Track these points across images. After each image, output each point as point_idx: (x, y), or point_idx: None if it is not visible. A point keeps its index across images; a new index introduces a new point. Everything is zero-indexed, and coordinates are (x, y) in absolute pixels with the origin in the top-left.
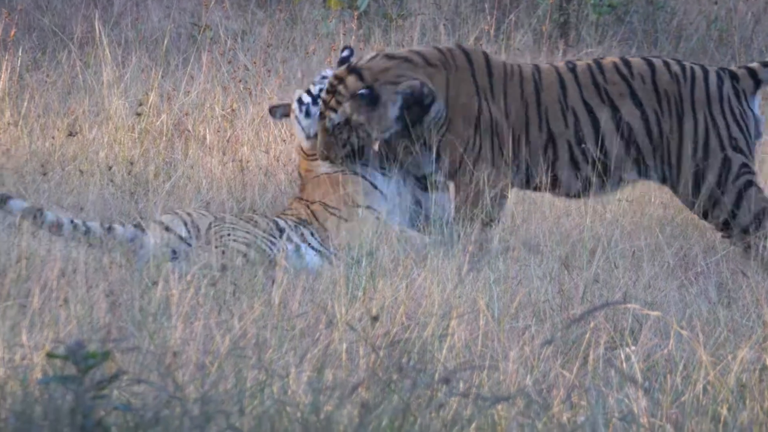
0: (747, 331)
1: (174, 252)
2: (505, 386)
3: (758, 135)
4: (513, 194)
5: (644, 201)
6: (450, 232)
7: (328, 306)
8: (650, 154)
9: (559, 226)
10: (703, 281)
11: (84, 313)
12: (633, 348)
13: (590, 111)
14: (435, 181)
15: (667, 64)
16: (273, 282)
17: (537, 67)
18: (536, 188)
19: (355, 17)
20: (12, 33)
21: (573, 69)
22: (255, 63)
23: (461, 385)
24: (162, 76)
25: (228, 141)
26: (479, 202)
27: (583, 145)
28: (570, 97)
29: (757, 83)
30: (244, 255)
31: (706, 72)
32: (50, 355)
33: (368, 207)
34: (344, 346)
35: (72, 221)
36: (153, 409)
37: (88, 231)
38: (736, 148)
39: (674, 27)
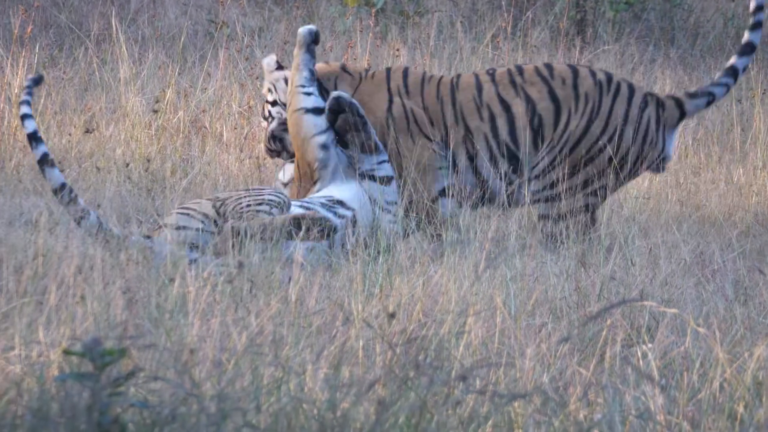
0: (764, 328)
1: (194, 246)
2: (522, 383)
3: (658, 170)
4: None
5: (661, 198)
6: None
7: (345, 303)
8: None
9: (576, 224)
10: (720, 279)
11: (101, 310)
12: (650, 345)
13: (506, 107)
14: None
15: (593, 73)
16: (290, 279)
17: (458, 75)
18: (474, 205)
19: (372, 14)
20: (29, 30)
21: (492, 73)
22: None
23: (478, 382)
24: (179, 73)
25: (245, 138)
26: (427, 179)
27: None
28: (485, 94)
29: (682, 115)
30: (268, 213)
31: (632, 91)
32: (67, 352)
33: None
34: (361, 343)
35: (99, 218)
36: (170, 406)
37: (110, 233)
38: (616, 169)
39: (691, 24)
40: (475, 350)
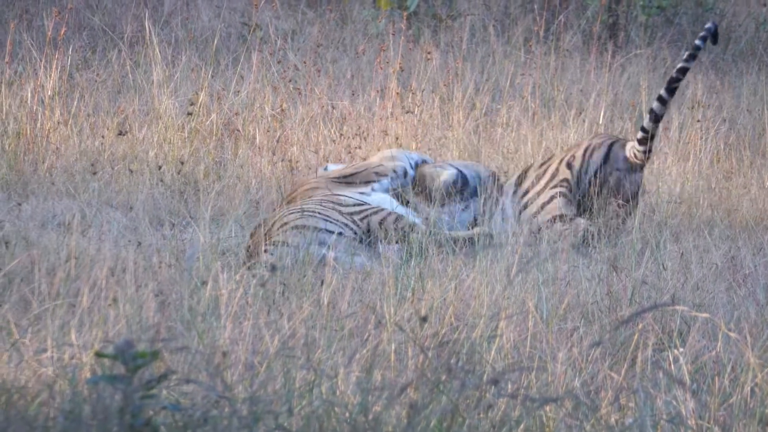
0: None
1: (322, 245)
2: (554, 387)
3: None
4: None
5: (692, 203)
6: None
7: (377, 306)
8: None
9: (608, 228)
10: (752, 283)
11: (133, 313)
12: (681, 350)
13: None
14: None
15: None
16: (322, 282)
17: None
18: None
19: (405, 17)
20: (62, 32)
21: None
22: (305, 63)
23: (510, 386)
24: (212, 76)
25: (278, 141)
26: None
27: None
28: None
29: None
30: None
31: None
32: (99, 355)
33: None
34: (393, 346)
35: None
36: (202, 408)
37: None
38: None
39: (723, 29)
40: (506, 354)
